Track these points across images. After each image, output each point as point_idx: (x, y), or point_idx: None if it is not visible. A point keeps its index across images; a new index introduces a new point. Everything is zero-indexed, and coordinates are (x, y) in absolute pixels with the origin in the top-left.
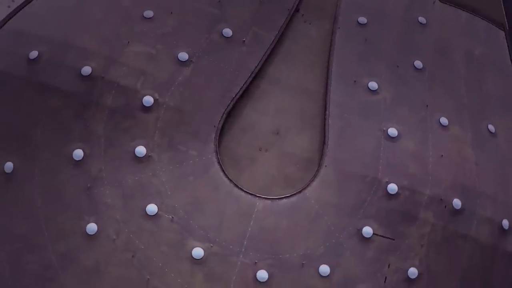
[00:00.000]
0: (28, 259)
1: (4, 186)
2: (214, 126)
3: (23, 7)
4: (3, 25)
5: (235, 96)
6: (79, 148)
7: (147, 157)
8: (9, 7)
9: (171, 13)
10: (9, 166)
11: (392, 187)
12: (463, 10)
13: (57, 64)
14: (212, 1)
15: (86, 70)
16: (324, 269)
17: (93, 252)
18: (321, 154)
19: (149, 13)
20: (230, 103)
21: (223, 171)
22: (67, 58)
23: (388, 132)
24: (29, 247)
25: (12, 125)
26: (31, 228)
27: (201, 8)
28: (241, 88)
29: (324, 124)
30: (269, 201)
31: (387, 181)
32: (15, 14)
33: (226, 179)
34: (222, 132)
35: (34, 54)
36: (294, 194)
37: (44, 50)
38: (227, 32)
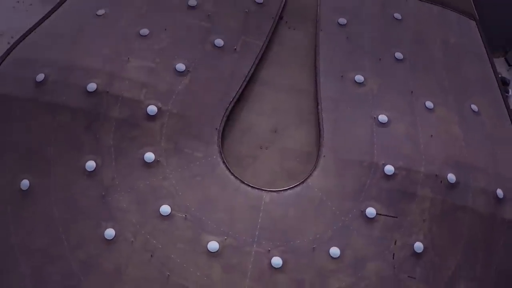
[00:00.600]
0: (50, 270)
1: (21, 203)
2: (216, 128)
3: (23, 39)
4: (7, 56)
5: (232, 99)
6: (91, 160)
7: (156, 162)
8: (8, 43)
9: (165, 29)
10: (25, 183)
11: (389, 169)
12: (434, 4)
13: (63, 84)
14: (202, 15)
15: (92, 86)
16: (335, 251)
17: (113, 255)
18: (319, 146)
19: (145, 31)
20: (228, 106)
21: (228, 169)
22: (72, 77)
23: (379, 119)
24: (50, 258)
25: (25, 145)
26: (50, 240)
27: (193, 22)
28: (237, 92)
29: (318, 118)
30: (275, 193)
31: (383, 164)
32: (16, 46)
33: (232, 177)
34: (223, 134)
35: (40, 76)
36: (298, 184)
37: (49, 72)
38: (219, 42)
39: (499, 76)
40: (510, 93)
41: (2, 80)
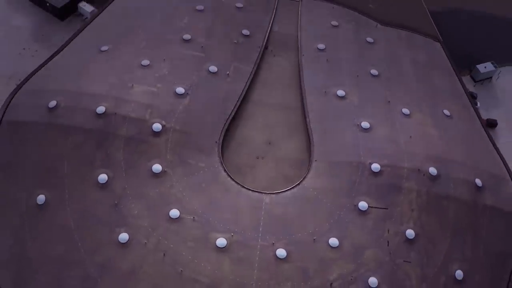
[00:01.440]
0: (68, 275)
1: (37, 216)
2: (216, 142)
3: (33, 75)
4: (19, 89)
5: (229, 116)
6: (103, 173)
7: (163, 172)
8: (16, 85)
9: (164, 60)
10: (41, 198)
11: (376, 166)
12: (401, 29)
13: (74, 108)
14: (197, 47)
15: (101, 109)
16: (334, 241)
17: (127, 257)
18: (310, 152)
19: (146, 62)
20: (225, 122)
21: (230, 176)
22: (82, 102)
23: (362, 125)
24: (67, 264)
25: (39, 163)
26: (67, 248)
27: (188, 53)
28: (232, 110)
29: (307, 129)
30: (274, 195)
31: (370, 162)
32: (27, 80)
33: (234, 183)
34: (222, 148)
35: (52, 103)
36: (294, 186)
37: (60, 99)
38: (213, 68)
39: (468, 91)
40: (478, 105)
41: (16, 109)
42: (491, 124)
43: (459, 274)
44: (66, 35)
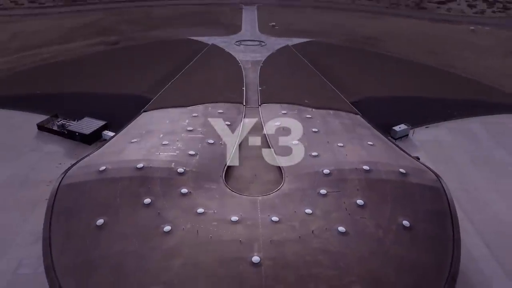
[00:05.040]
0: (128, 261)
1: (99, 232)
2: (220, 176)
3: (79, 161)
4: (73, 166)
5: (226, 163)
6: (147, 198)
7: (189, 193)
8: (58, 166)
9: (177, 140)
10: (100, 221)
11: (326, 171)
12: (329, 110)
13: (119, 168)
14: (197, 132)
15: (140, 164)
16: (308, 211)
17: (171, 238)
18: (282, 173)
19: (165, 142)
20: (225, 166)
21: (233, 191)
22: (124, 164)
23: (312, 154)
24: (124, 254)
25: (95, 203)
26: (125, 245)
27: (193, 136)
28: (227, 160)
29: (279, 167)
30: (264, 196)
31: (322, 169)
32: (74, 165)
33: (236, 193)
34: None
35: (102, 168)
36: (276, 190)
37: (108, 165)
38: (211, 141)
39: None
40: None
41: (71, 177)
42: (415, 159)
43: (406, 223)
44: None
